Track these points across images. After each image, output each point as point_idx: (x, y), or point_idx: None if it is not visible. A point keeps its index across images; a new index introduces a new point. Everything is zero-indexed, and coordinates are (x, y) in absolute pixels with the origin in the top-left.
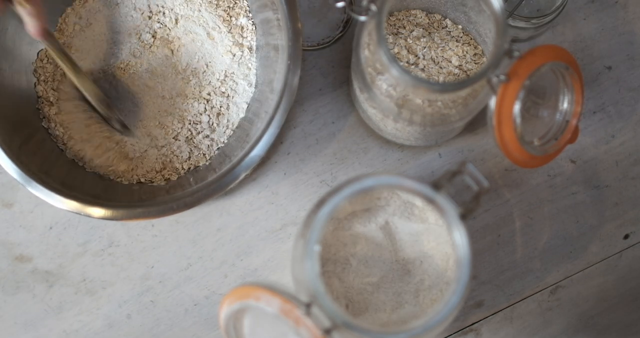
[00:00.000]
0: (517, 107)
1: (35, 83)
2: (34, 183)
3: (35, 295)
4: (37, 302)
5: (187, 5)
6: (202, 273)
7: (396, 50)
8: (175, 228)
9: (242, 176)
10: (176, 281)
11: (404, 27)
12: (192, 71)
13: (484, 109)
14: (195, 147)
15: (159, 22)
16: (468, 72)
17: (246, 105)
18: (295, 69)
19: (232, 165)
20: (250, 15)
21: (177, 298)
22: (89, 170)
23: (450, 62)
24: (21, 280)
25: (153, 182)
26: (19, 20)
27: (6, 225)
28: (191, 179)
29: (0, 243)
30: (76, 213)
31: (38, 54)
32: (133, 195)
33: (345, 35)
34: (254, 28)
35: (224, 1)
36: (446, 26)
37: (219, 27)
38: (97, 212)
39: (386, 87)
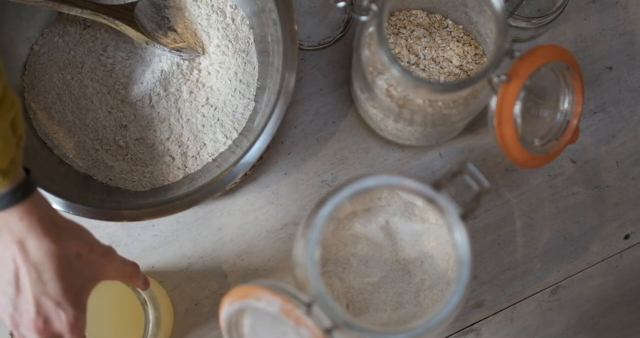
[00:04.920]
0: (517, 107)
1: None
2: None
3: None
4: None
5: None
6: (203, 273)
7: (397, 50)
8: (175, 228)
9: (240, 176)
10: (177, 281)
11: (405, 27)
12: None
13: (485, 109)
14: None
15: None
16: (469, 72)
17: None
18: (291, 70)
19: (230, 165)
20: (248, 22)
21: (177, 298)
22: (79, 170)
23: (451, 62)
24: None
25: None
26: (17, 16)
27: None
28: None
29: None
30: (75, 214)
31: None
32: (136, 196)
33: (345, 35)
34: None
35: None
36: (447, 26)
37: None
38: (97, 212)
39: (387, 87)
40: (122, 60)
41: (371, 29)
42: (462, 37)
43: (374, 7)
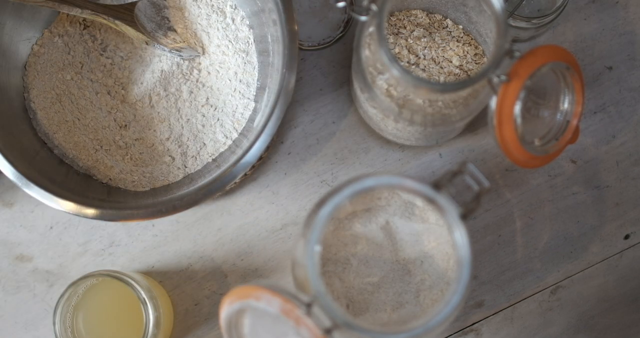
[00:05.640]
0: (517, 107)
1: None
2: (32, 185)
3: (35, 294)
4: (38, 302)
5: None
6: (203, 273)
7: (397, 50)
8: (175, 228)
9: (240, 176)
10: (176, 281)
11: (405, 27)
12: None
13: (485, 109)
14: (192, 157)
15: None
16: (469, 72)
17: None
18: (291, 70)
19: (230, 165)
20: (248, 22)
21: (177, 298)
22: (79, 170)
23: (451, 62)
24: (22, 279)
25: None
26: (17, 16)
27: (7, 225)
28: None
29: (1, 242)
30: (75, 215)
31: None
32: (136, 196)
33: (345, 35)
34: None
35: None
36: (447, 26)
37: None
38: (96, 213)
39: (387, 87)
40: (122, 60)
41: (371, 29)
42: (462, 37)
43: (374, 7)
